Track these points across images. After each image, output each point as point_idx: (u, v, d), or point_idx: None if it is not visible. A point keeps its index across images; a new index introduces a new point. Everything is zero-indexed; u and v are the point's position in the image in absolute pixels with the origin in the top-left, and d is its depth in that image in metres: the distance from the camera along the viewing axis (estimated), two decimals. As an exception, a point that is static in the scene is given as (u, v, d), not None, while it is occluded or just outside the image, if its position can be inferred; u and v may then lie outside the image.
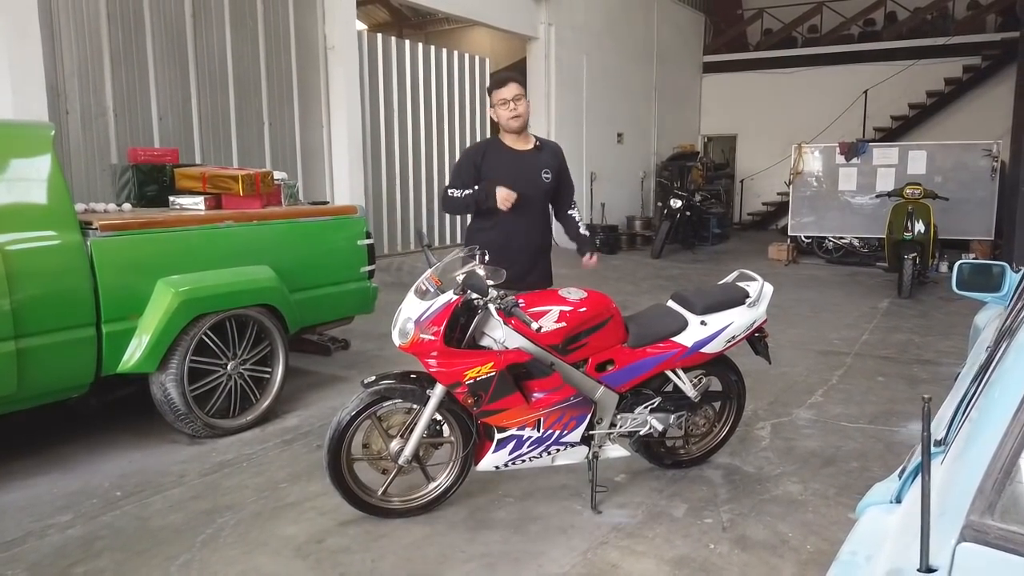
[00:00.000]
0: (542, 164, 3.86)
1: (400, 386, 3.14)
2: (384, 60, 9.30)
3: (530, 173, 3.82)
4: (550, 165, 3.89)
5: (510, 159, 3.82)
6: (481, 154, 3.86)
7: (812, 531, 3.14)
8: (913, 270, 8.55)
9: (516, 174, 3.77)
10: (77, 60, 6.01)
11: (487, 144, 3.97)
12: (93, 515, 3.32)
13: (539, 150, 3.89)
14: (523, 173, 3.80)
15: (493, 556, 2.96)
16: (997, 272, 2.88)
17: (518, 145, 3.85)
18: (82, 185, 5.90)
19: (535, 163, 3.85)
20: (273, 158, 7.77)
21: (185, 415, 4.03)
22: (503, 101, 3.73)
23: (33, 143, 3.70)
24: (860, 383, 5.27)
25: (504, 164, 3.80)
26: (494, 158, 3.82)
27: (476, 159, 3.83)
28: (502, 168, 3.78)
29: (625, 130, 13.78)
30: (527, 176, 3.80)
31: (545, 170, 3.86)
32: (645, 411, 3.39)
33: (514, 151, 3.84)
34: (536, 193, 3.83)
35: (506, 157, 3.82)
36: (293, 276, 4.54)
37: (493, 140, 3.95)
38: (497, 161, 3.81)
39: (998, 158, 10.40)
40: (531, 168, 3.83)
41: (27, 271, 3.47)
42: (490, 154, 3.84)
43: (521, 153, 3.84)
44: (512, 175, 3.76)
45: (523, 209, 3.74)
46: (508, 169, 3.78)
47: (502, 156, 3.83)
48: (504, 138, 3.87)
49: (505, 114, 3.75)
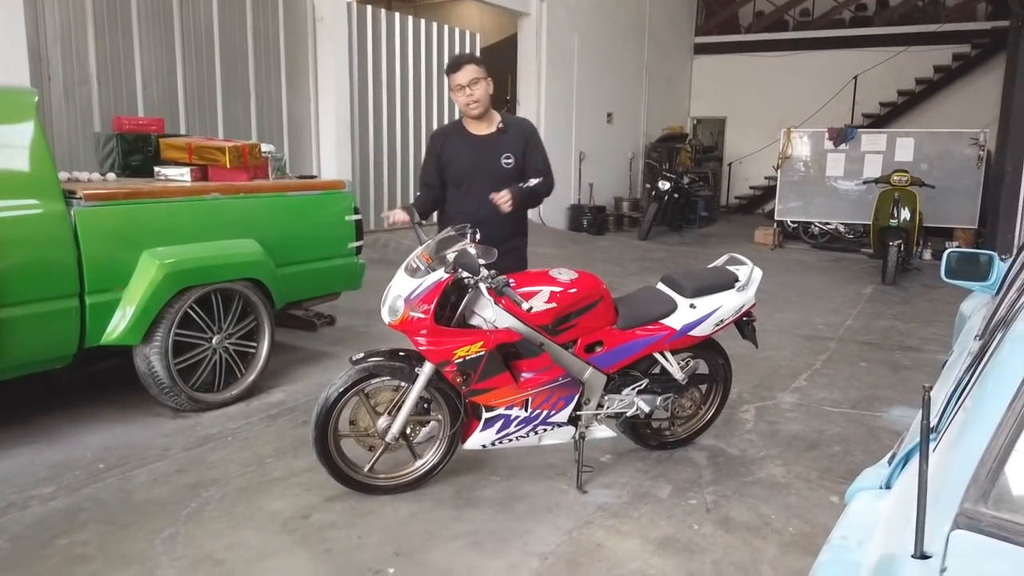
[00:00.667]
0: (503, 148, 3.66)
1: (389, 364, 3.13)
2: (373, 33, 9.18)
3: (490, 159, 3.64)
4: (513, 148, 3.67)
5: (469, 145, 3.68)
6: (441, 142, 3.75)
7: (795, 514, 3.18)
8: (898, 257, 8.63)
9: (473, 161, 3.64)
10: (60, 25, 5.88)
11: (448, 130, 3.84)
12: (76, 487, 3.30)
13: (502, 132, 3.68)
14: (482, 160, 3.64)
15: (479, 534, 2.98)
16: (985, 261, 2.91)
17: (479, 130, 3.68)
18: (64, 153, 5.79)
19: (496, 148, 3.66)
20: (259, 130, 7.67)
21: (169, 388, 4.00)
22: (459, 87, 3.56)
23: (16, 109, 3.62)
24: (843, 368, 5.33)
25: (463, 151, 3.67)
26: (454, 145, 3.70)
27: (436, 148, 3.74)
28: (461, 155, 3.67)
29: (615, 110, 13.72)
30: (486, 163, 3.64)
31: (506, 155, 3.65)
32: (632, 392, 3.41)
33: (475, 137, 3.68)
34: (498, 180, 3.60)
35: (466, 143, 3.69)
36: (280, 250, 4.50)
37: (456, 125, 3.80)
38: (457, 148, 3.69)
39: (984, 147, 10.47)
40: (491, 154, 3.65)
41: (9, 240, 3.41)
42: (450, 141, 3.72)
43: (481, 138, 3.68)
44: (470, 163, 3.65)
45: (480, 198, 3.59)
46: (467, 156, 3.66)
47: (462, 142, 3.69)
48: (466, 123, 3.72)
49: (462, 100, 3.59)
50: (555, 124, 11.98)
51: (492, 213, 3.51)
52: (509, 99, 12.43)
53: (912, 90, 14.48)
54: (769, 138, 13.74)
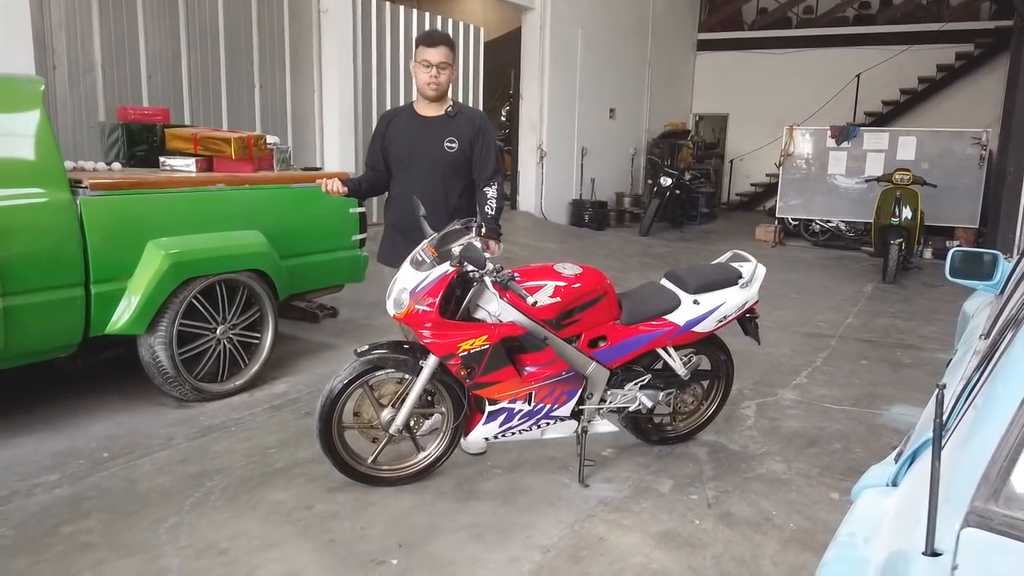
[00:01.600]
0: (448, 132, 3.59)
1: (393, 356, 3.14)
2: (377, 25, 9.15)
3: (430, 140, 3.58)
4: (459, 133, 3.60)
5: (414, 125, 3.61)
6: (387, 121, 3.70)
7: (795, 510, 3.20)
8: (898, 255, 8.63)
9: (414, 141, 3.60)
10: (65, 13, 5.86)
11: (398, 111, 3.80)
12: (80, 476, 3.31)
13: (450, 117, 3.61)
14: (422, 140, 3.59)
15: (481, 526, 3.00)
16: (989, 260, 2.91)
17: (428, 111, 3.62)
18: (69, 142, 5.78)
19: (440, 130, 3.59)
20: (263, 121, 7.66)
21: (173, 378, 4.01)
22: (426, 63, 3.47)
23: (22, 97, 3.62)
24: (844, 366, 5.34)
25: (406, 130, 3.62)
26: (399, 125, 3.65)
27: (383, 127, 3.70)
28: (403, 134, 3.62)
29: (617, 106, 13.70)
30: (426, 144, 3.59)
31: (450, 139, 3.58)
32: (635, 388, 3.42)
33: (421, 117, 3.63)
34: (436, 162, 3.59)
35: (411, 124, 3.63)
36: (284, 242, 4.50)
37: (406, 107, 3.76)
38: (401, 127, 3.64)
39: (986, 146, 10.47)
40: (433, 136, 3.59)
41: (15, 228, 3.41)
42: (397, 120, 3.68)
43: (427, 119, 3.62)
44: (409, 141, 3.60)
45: (421, 179, 3.57)
46: (408, 135, 3.61)
47: (407, 124, 3.64)
48: (416, 104, 3.66)
49: (423, 78, 3.50)
50: (558, 119, 11.96)
51: (431, 196, 3.51)
52: (512, 93, 12.41)
53: (915, 89, 14.46)
54: (771, 135, 13.73)
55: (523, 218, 11.55)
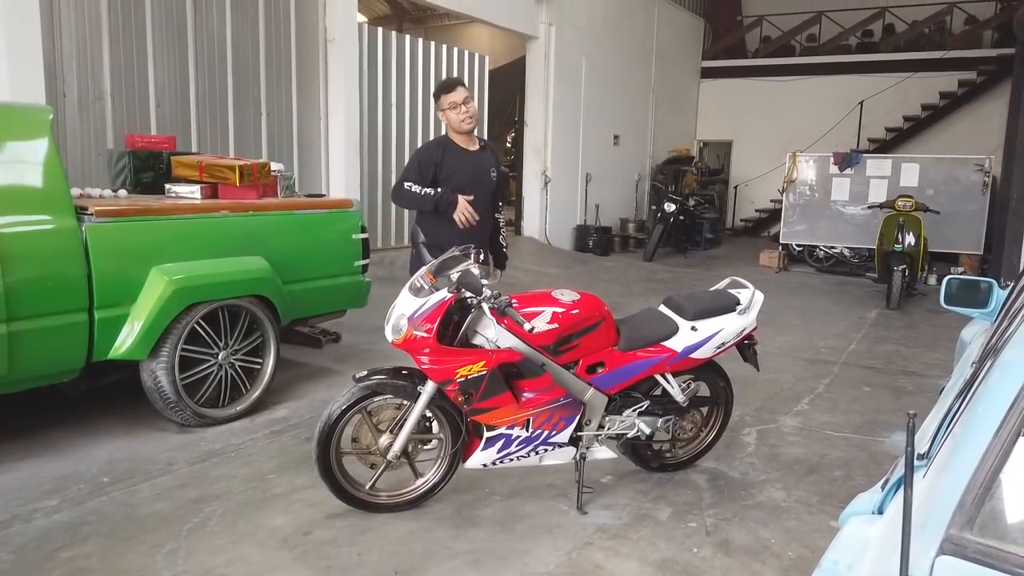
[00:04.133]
0: (489, 163, 4.07)
1: (391, 382, 3.16)
2: (384, 54, 9.29)
3: (482, 172, 4.02)
4: (494, 164, 4.11)
5: (467, 160, 3.98)
6: (440, 152, 3.96)
7: (794, 538, 3.18)
8: (902, 282, 8.63)
9: (473, 175, 3.96)
10: (76, 42, 5.98)
11: (443, 143, 4.05)
12: (80, 500, 3.33)
13: (484, 150, 4.07)
14: (478, 172, 3.99)
15: (478, 553, 2.99)
16: (985, 288, 2.92)
17: (469, 146, 4.01)
18: (77, 169, 5.87)
19: (484, 163, 4.04)
20: (270, 148, 7.76)
21: (175, 403, 4.03)
22: (454, 105, 3.88)
23: (31, 126, 3.69)
24: (846, 392, 5.32)
25: (462, 165, 3.96)
26: (453, 159, 3.96)
27: (436, 158, 3.94)
28: (461, 169, 3.95)
29: (622, 132, 13.81)
30: (480, 175, 4.00)
31: (492, 169, 4.07)
32: (633, 414, 3.42)
33: (468, 151, 4.00)
34: (487, 192, 4.03)
35: (463, 158, 3.97)
36: (287, 268, 4.55)
37: (446, 140, 4.05)
38: (456, 162, 3.94)
39: (990, 173, 10.50)
40: (483, 168, 4.03)
41: (21, 254, 3.46)
42: (448, 154, 3.97)
43: (473, 153, 4.01)
44: (470, 176, 3.95)
45: (479, 209, 3.92)
46: (466, 170, 3.95)
47: (459, 157, 3.96)
48: (455, 139, 4.00)
49: (458, 117, 3.90)
50: (562, 145, 12.07)
51: (486, 219, 4.01)
52: (517, 120, 12.54)
53: (918, 116, 14.54)
54: (775, 162, 13.80)
55: (527, 243, 11.60)
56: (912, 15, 15.29)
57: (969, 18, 15.20)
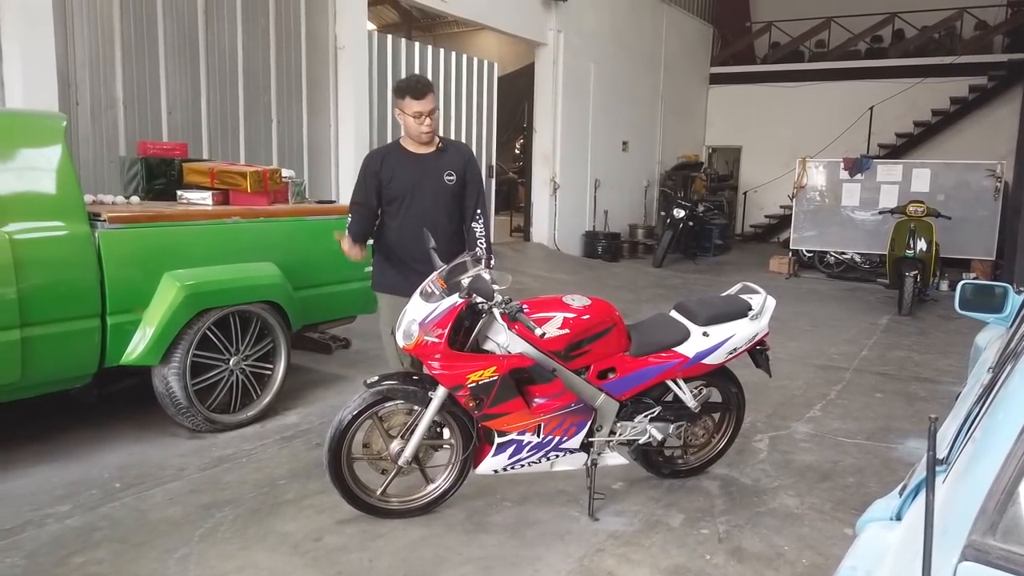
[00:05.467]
0: (445, 165, 3.75)
1: (402, 387, 3.16)
2: (393, 61, 9.32)
3: (430, 175, 3.72)
4: (454, 166, 3.77)
5: (410, 162, 3.72)
6: (379, 161, 3.74)
7: (808, 545, 3.15)
8: (914, 287, 8.57)
9: (414, 177, 3.70)
10: (89, 51, 6.02)
11: (386, 150, 3.84)
12: (92, 506, 3.34)
13: (442, 151, 3.77)
14: (423, 176, 3.71)
15: (489, 559, 2.98)
16: (999, 293, 2.90)
17: (421, 149, 3.75)
18: (90, 176, 5.90)
19: (437, 165, 3.74)
20: (280, 155, 7.79)
21: (186, 409, 4.04)
22: (418, 114, 3.60)
23: (45, 133, 3.71)
24: (858, 399, 5.29)
25: (404, 168, 3.71)
26: (394, 163, 3.72)
27: (375, 167, 3.73)
28: (401, 173, 3.70)
29: (630, 138, 13.81)
30: (428, 179, 3.71)
31: (448, 172, 3.74)
32: (645, 420, 3.41)
33: (415, 155, 3.74)
34: (438, 194, 3.72)
35: (407, 161, 3.73)
36: (298, 274, 4.56)
37: (394, 146, 3.82)
38: (397, 165, 3.71)
39: (1001, 178, 10.44)
40: (432, 170, 3.73)
41: (35, 260, 3.48)
42: (389, 159, 3.74)
43: (422, 156, 3.74)
44: (411, 179, 3.70)
45: (423, 211, 3.68)
46: (407, 174, 3.71)
47: (402, 160, 3.73)
48: (405, 142, 3.76)
49: (416, 128, 3.63)
50: (571, 151, 12.07)
51: (433, 224, 3.61)
52: (526, 127, 12.55)
53: (928, 121, 14.48)
54: (784, 167, 13.77)
55: (536, 249, 11.60)
56: (922, 20, 15.24)
57: (979, 23, 15.14)
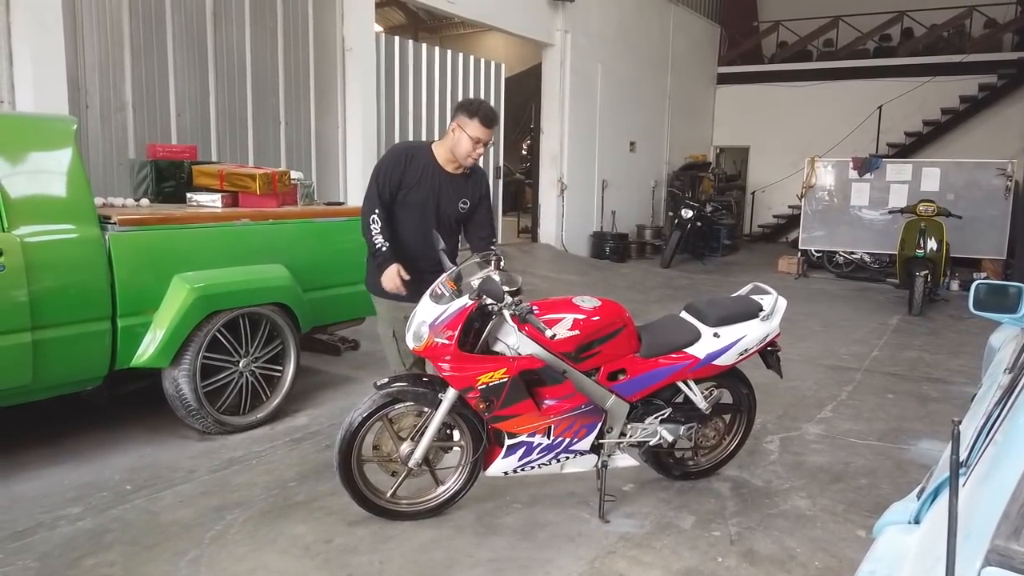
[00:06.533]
0: (464, 192, 3.63)
1: (412, 389, 3.15)
2: (400, 62, 9.33)
3: (449, 197, 3.60)
4: (471, 194, 3.66)
5: (436, 179, 3.56)
6: (407, 158, 3.55)
7: (820, 547, 3.13)
8: (924, 287, 8.52)
9: (434, 192, 3.56)
10: (98, 54, 6.05)
11: (417, 150, 3.64)
12: (103, 508, 3.34)
13: (467, 177, 3.64)
14: (442, 195, 3.58)
15: (500, 562, 2.97)
16: (1014, 293, 2.87)
17: (451, 167, 3.59)
18: (99, 179, 5.92)
19: (458, 190, 3.62)
20: (288, 157, 7.80)
21: (196, 411, 4.05)
22: (477, 141, 3.46)
23: (55, 136, 3.73)
24: (869, 399, 5.26)
25: (429, 179, 3.55)
26: (419, 167, 3.54)
27: (402, 162, 3.53)
28: (425, 182, 3.54)
29: (637, 139, 13.78)
30: (445, 199, 3.59)
31: (464, 200, 3.63)
32: (655, 421, 3.39)
33: (444, 171, 3.58)
34: (446, 216, 3.61)
35: (434, 173, 3.56)
36: (307, 275, 4.56)
37: (426, 148, 3.62)
38: (422, 173, 3.54)
39: (1012, 177, 10.37)
40: (453, 193, 3.60)
41: (46, 263, 3.49)
42: (416, 162, 3.55)
43: (450, 176, 3.60)
44: (429, 191, 3.55)
45: (425, 225, 3.54)
46: (430, 185, 3.54)
47: (430, 170, 3.56)
48: (439, 151, 3.59)
49: (467, 150, 3.48)
50: (578, 152, 12.06)
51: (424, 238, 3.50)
52: (533, 127, 12.55)
53: (938, 120, 14.40)
54: (792, 167, 13.72)
55: (544, 250, 11.59)
56: (930, 19, 15.17)
57: (988, 21, 15.05)
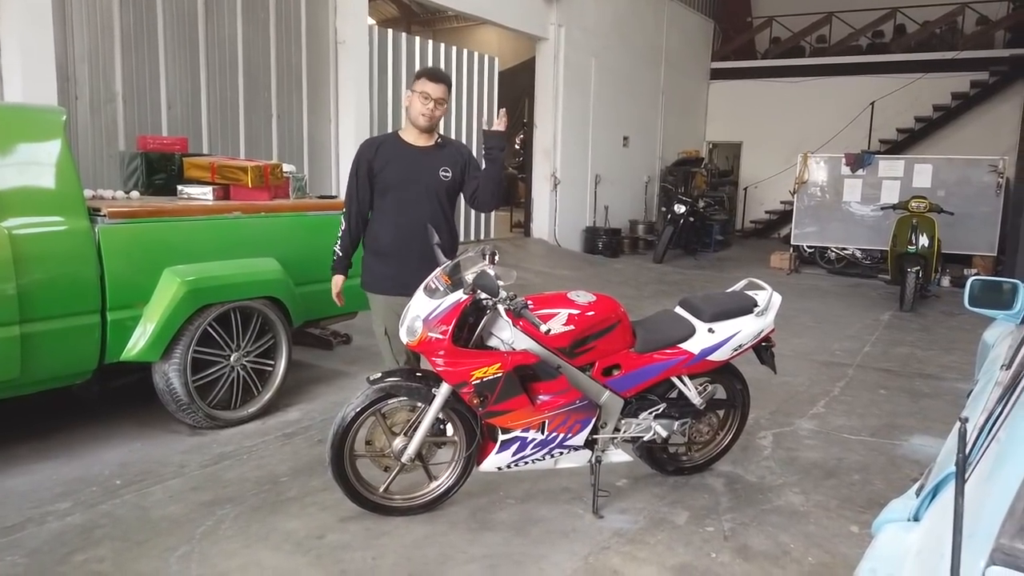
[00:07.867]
0: (441, 161, 3.62)
1: (406, 384, 3.13)
2: (394, 56, 9.28)
3: (425, 169, 3.59)
4: (451, 163, 3.64)
5: (406, 154, 3.59)
6: (374, 149, 3.61)
7: (814, 543, 3.13)
8: (916, 283, 8.55)
9: (408, 168, 3.57)
10: (88, 45, 5.98)
11: (382, 139, 3.72)
12: (93, 503, 3.31)
13: (439, 147, 3.65)
14: (417, 168, 3.59)
15: (494, 557, 2.96)
16: (1009, 289, 2.87)
17: (419, 141, 3.62)
18: (89, 171, 5.87)
19: (433, 159, 3.62)
20: (280, 150, 7.75)
21: (187, 405, 4.01)
22: (426, 96, 3.49)
23: (44, 127, 3.68)
24: (862, 395, 5.27)
25: (399, 159, 3.58)
26: (389, 153, 3.59)
27: (369, 155, 3.60)
28: (396, 162, 3.57)
29: (631, 134, 13.77)
30: (422, 171, 3.59)
31: (444, 168, 3.61)
32: (650, 417, 3.38)
33: (413, 146, 3.61)
34: (431, 189, 3.60)
35: (403, 151, 3.59)
36: (299, 269, 4.52)
37: (391, 135, 3.73)
38: (391, 155, 3.58)
39: (1003, 174, 10.42)
40: (428, 164, 3.60)
41: (34, 256, 3.45)
42: (385, 149, 3.61)
43: (419, 148, 3.61)
44: (403, 171, 3.57)
45: (416, 205, 3.56)
46: (401, 165, 3.57)
47: (398, 150, 3.60)
48: (405, 134, 3.64)
49: (419, 108, 3.50)
50: (571, 147, 12.03)
51: (428, 220, 3.51)
52: (526, 122, 12.51)
53: (930, 116, 14.45)
54: (785, 163, 13.75)
55: (537, 245, 11.57)
56: (923, 15, 15.21)
57: (981, 18, 15.09)
